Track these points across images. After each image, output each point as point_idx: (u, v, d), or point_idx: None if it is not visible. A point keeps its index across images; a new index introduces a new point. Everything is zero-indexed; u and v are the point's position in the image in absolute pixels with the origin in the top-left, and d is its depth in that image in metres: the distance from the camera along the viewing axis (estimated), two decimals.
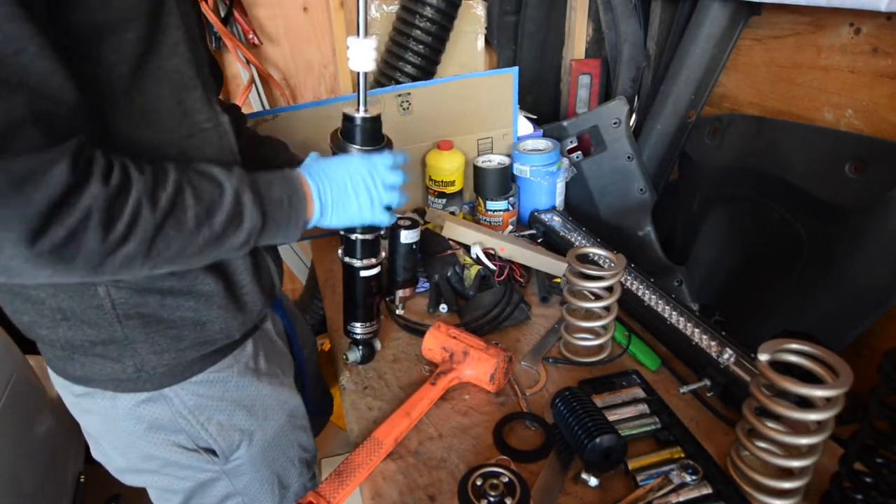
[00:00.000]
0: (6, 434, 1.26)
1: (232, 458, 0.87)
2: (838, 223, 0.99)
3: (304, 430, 1.00)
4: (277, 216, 0.71)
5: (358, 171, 0.80)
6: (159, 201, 0.60)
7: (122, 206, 0.57)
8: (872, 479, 0.66)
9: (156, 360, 0.75)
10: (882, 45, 0.98)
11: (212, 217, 0.64)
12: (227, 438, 0.85)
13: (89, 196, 0.54)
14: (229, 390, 0.84)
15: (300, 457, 1.00)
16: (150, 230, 0.59)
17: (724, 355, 0.94)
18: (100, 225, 0.55)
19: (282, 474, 0.96)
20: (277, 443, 0.93)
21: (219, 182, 0.66)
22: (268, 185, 0.71)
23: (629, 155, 1.48)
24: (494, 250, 1.28)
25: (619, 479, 0.80)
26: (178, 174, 0.63)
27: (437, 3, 1.48)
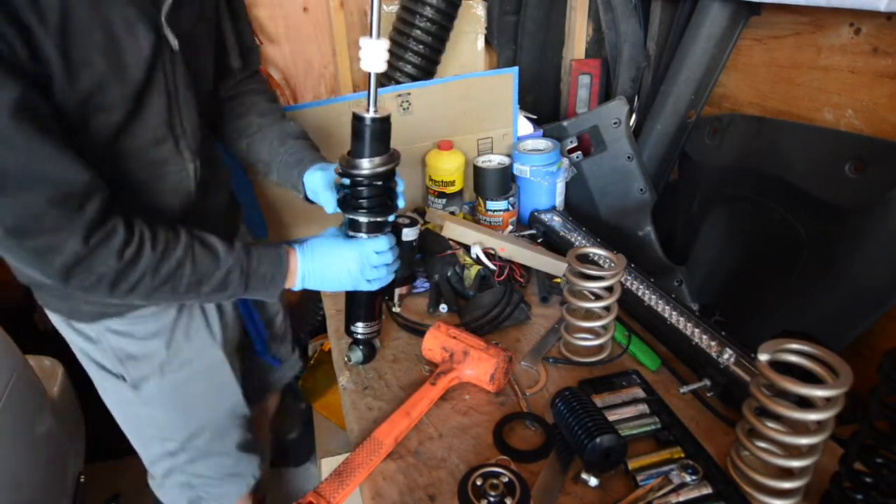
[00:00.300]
0: (6, 434, 1.26)
1: (142, 387, 0.99)
2: (838, 223, 0.99)
3: (223, 381, 1.07)
4: (258, 286, 0.88)
5: (345, 264, 0.91)
6: (160, 272, 0.77)
7: (129, 276, 0.75)
8: (872, 479, 0.66)
9: (86, 308, 0.92)
10: (882, 45, 0.98)
11: (201, 286, 0.82)
12: (138, 370, 0.98)
13: (103, 265, 0.73)
14: (148, 329, 0.97)
15: (218, 405, 1.08)
16: (149, 291, 0.78)
17: (724, 355, 0.94)
18: (109, 285, 0.75)
19: (194, 414, 1.05)
20: (189, 386, 1.02)
21: (217, 258, 0.82)
22: (259, 261, 0.87)
23: (629, 155, 1.48)
24: (494, 250, 1.28)
25: (619, 479, 0.80)
26: (183, 251, 0.79)
27: (437, 3, 1.47)
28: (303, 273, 0.90)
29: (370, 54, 0.79)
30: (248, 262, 0.85)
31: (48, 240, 0.68)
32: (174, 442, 1.06)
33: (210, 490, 1.13)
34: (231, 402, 1.10)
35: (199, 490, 1.12)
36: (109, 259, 0.72)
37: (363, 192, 0.88)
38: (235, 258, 0.84)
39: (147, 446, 1.08)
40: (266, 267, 0.87)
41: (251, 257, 0.86)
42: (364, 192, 0.88)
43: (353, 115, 0.85)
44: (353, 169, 0.87)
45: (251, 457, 1.17)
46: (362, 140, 0.85)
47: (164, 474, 1.09)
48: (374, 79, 0.82)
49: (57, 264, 0.70)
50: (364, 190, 0.88)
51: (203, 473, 1.10)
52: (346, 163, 0.88)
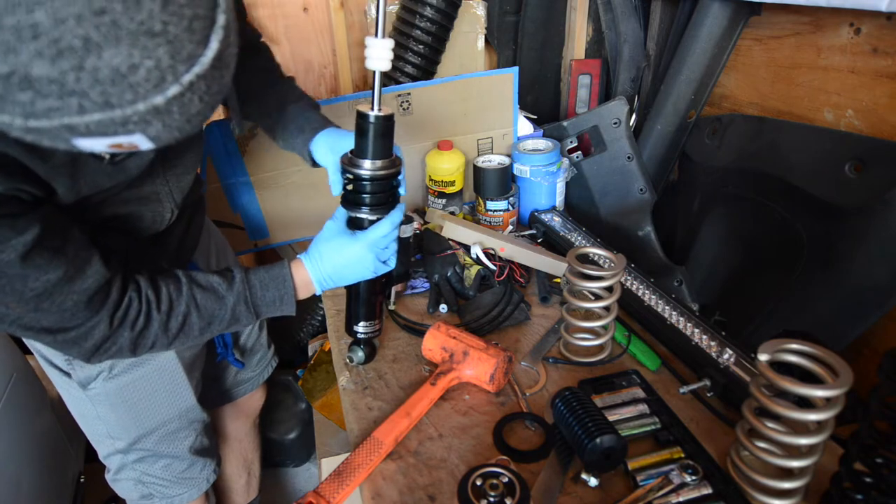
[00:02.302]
0: (6, 434, 1.26)
1: (89, 386, 0.98)
2: (838, 223, 0.99)
3: (177, 384, 1.06)
4: (268, 311, 0.89)
5: (360, 259, 0.90)
6: (170, 329, 0.81)
7: (144, 341, 0.80)
8: (872, 479, 0.66)
9: None
10: (882, 46, 0.98)
11: (212, 326, 0.85)
12: (86, 370, 0.97)
13: (123, 338, 0.78)
14: None
15: (169, 408, 1.07)
16: (166, 345, 0.82)
17: (724, 355, 0.94)
18: (129, 352, 0.80)
19: (142, 415, 1.04)
20: (138, 387, 1.02)
21: (220, 297, 0.84)
22: (262, 288, 0.87)
23: (629, 155, 1.48)
24: (494, 250, 1.28)
25: (619, 480, 0.80)
26: (186, 304, 0.82)
27: (437, 3, 1.48)
28: (318, 280, 0.90)
29: (376, 53, 0.80)
30: (251, 292, 0.86)
31: (81, 331, 0.74)
32: (122, 441, 1.06)
33: (161, 490, 1.12)
34: (184, 406, 1.08)
35: (150, 488, 1.11)
36: (126, 332, 0.78)
37: (366, 189, 0.89)
38: (237, 294, 0.85)
39: (98, 442, 1.08)
40: (272, 293, 0.87)
41: (253, 287, 0.86)
42: (367, 189, 0.89)
43: (358, 112, 0.85)
44: (357, 168, 0.87)
45: (206, 461, 1.16)
46: (366, 138, 0.85)
47: (116, 469, 1.10)
48: (379, 77, 0.83)
49: (86, 349, 0.76)
50: (367, 186, 0.89)
51: (153, 473, 1.10)
52: (350, 161, 0.88)
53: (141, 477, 1.10)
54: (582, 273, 0.96)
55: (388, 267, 0.95)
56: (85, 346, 0.75)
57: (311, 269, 0.90)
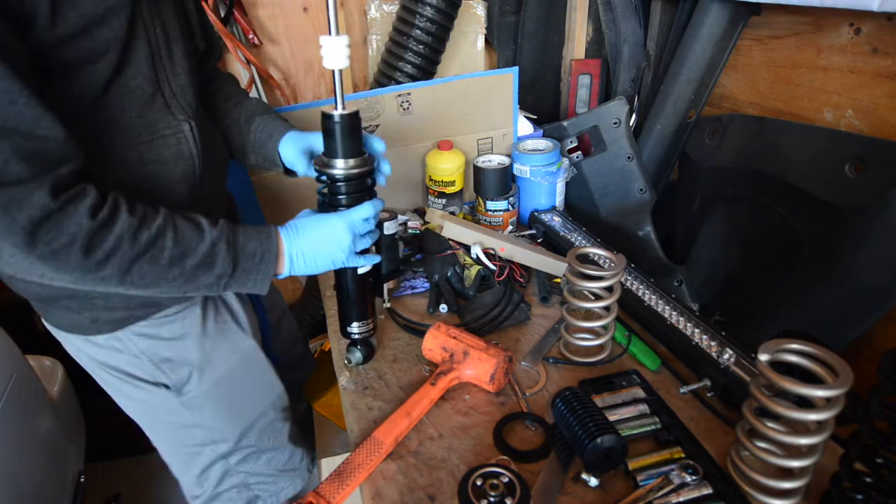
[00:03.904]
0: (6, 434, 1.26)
1: (184, 390, 0.96)
2: (838, 223, 0.99)
3: (264, 372, 1.06)
4: (248, 266, 0.81)
5: (335, 235, 0.87)
6: (139, 239, 0.71)
7: (105, 239, 0.68)
8: (872, 479, 0.66)
9: (108, 315, 0.87)
10: (882, 46, 0.98)
11: (185, 259, 0.75)
12: (177, 372, 0.95)
13: (75, 224, 0.65)
14: (176, 329, 0.93)
15: (262, 398, 1.06)
16: (127, 261, 0.70)
17: (724, 355, 0.94)
18: (82, 248, 0.67)
19: (242, 411, 1.03)
20: (231, 382, 1.00)
21: (201, 230, 0.77)
22: (246, 239, 0.81)
23: (629, 155, 1.48)
24: (494, 250, 1.28)
25: (619, 480, 0.80)
26: (164, 220, 0.74)
27: (437, 3, 1.48)
28: (290, 254, 0.84)
29: (332, 51, 0.80)
30: (234, 236, 0.79)
31: (11, 192, 0.62)
32: (227, 443, 1.03)
33: (267, 487, 1.11)
34: (275, 394, 1.08)
35: (256, 489, 1.10)
36: (81, 218, 0.66)
37: (341, 190, 0.89)
38: (220, 230, 0.78)
39: (196, 455, 1.03)
40: (254, 244, 0.81)
41: (237, 233, 0.80)
42: (342, 190, 0.89)
43: (322, 114, 0.86)
44: (329, 168, 0.88)
45: (303, 451, 1.16)
46: (333, 138, 0.86)
47: (216, 482, 1.06)
48: (339, 76, 0.83)
49: (22, 219, 0.62)
50: (342, 187, 0.89)
51: (259, 471, 1.08)
52: (322, 163, 0.88)
53: (245, 480, 1.08)
54: (582, 273, 0.96)
55: (363, 262, 0.92)
56: (19, 217, 0.62)
57: (285, 241, 0.84)
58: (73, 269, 0.67)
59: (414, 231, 1.44)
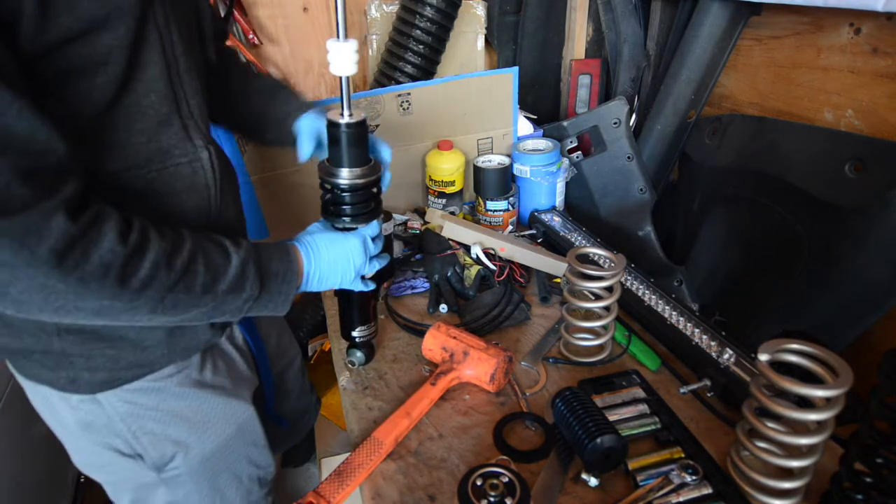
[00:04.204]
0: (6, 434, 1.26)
1: (166, 468, 0.86)
2: (838, 223, 0.99)
3: (255, 445, 0.97)
4: (272, 288, 0.76)
5: (351, 256, 0.84)
6: (174, 265, 0.64)
7: (140, 266, 0.61)
8: (872, 479, 0.66)
9: (88, 376, 0.76)
10: (882, 46, 0.98)
11: (217, 284, 0.69)
12: (159, 448, 0.84)
13: (107, 251, 0.58)
14: (165, 399, 0.83)
15: (249, 473, 0.97)
16: (163, 290, 0.63)
17: (724, 355, 0.94)
18: (118, 277, 0.59)
19: (225, 490, 0.93)
20: (221, 457, 0.91)
21: (227, 253, 0.71)
22: (268, 258, 0.76)
23: (629, 155, 1.48)
24: (494, 250, 1.28)
25: (619, 479, 0.80)
26: (192, 242, 0.68)
27: (437, 3, 1.48)
28: (307, 273, 0.81)
29: (340, 58, 0.76)
30: (259, 256, 0.75)
31: (24, 220, 0.53)
32: None
33: None
34: (264, 466, 0.99)
35: None
36: (112, 243, 0.58)
37: (346, 200, 0.85)
38: (246, 251, 0.73)
39: None
40: (276, 263, 0.76)
41: (260, 253, 0.75)
42: (347, 200, 0.85)
43: (328, 121, 0.81)
44: (333, 178, 0.84)
45: None
46: (339, 147, 0.81)
47: None
48: (347, 83, 0.79)
49: (43, 251, 0.54)
50: (347, 197, 0.85)
51: None
52: (326, 171, 0.85)
53: None
54: (582, 273, 0.96)
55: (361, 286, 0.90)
56: (39, 249, 0.54)
57: (304, 258, 0.81)
58: (103, 298, 0.60)
59: (414, 231, 1.44)
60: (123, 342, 0.76)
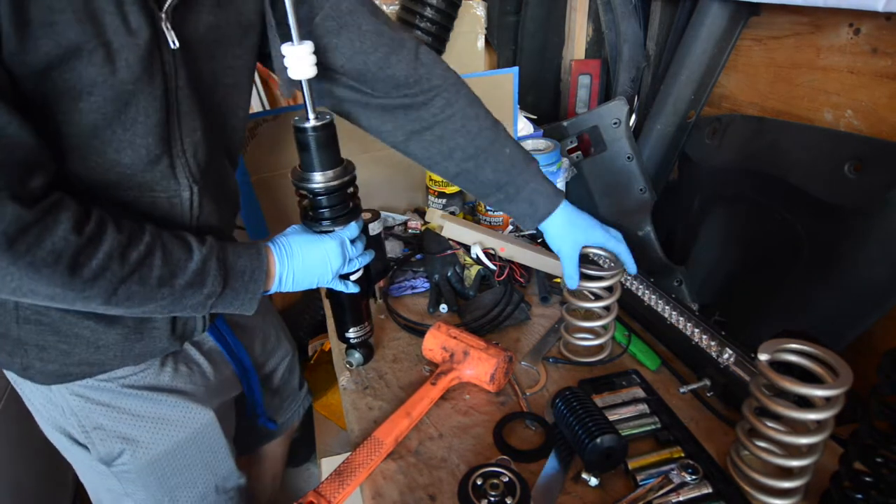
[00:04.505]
0: (6, 434, 1.26)
1: (115, 463, 0.86)
2: (838, 223, 0.99)
3: (213, 451, 0.95)
4: (237, 285, 0.75)
5: (327, 258, 0.84)
6: (128, 258, 0.64)
7: (93, 256, 0.61)
8: (872, 479, 0.66)
9: (40, 366, 0.78)
10: (881, 46, 0.98)
11: (174, 278, 0.69)
12: (107, 445, 0.85)
13: (60, 239, 0.59)
14: (117, 398, 0.83)
15: (206, 479, 0.96)
16: (115, 281, 0.64)
17: (724, 355, 0.94)
18: (69, 266, 0.60)
19: (176, 492, 0.92)
20: (173, 459, 0.90)
21: (189, 248, 0.71)
22: (236, 256, 0.76)
23: (629, 155, 1.48)
24: (494, 250, 1.28)
25: (619, 479, 0.80)
26: (152, 237, 0.67)
27: (437, 3, 1.48)
28: (280, 273, 0.81)
29: (295, 61, 0.74)
30: (224, 253, 0.74)
31: None
32: None
33: None
34: (221, 475, 0.98)
35: None
36: (66, 232, 0.59)
37: (322, 203, 0.85)
38: (209, 248, 0.73)
39: None
40: (244, 261, 0.76)
41: (226, 250, 0.75)
42: (323, 203, 0.85)
43: (294, 127, 0.80)
44: (307, 183, 0.83)
45: None
46: (309, 151, 0.81)
47: None
48: (307, 85, 0.77)
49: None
50: (323, 200, 0.84)
51: None
52: (299, 177, 0.84)
53: None
54: (582, 273, 0.96)
55: (342, 286, 0.90)
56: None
57: (277, 260, 0.80)
58: (55, 284, 0.60)
59: (414, 231, 1.44)
60: (78, 339, 0.77)
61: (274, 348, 1.19)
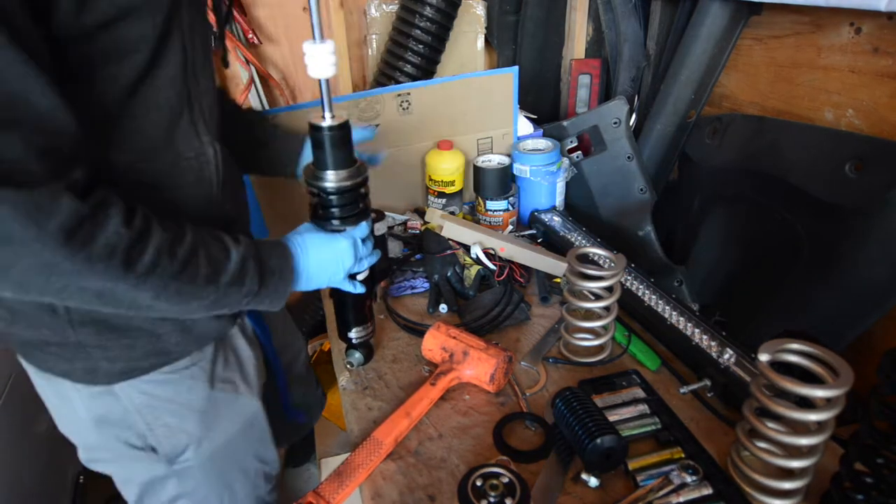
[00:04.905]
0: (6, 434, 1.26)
1: (178, 459, 0.87)
2: (838, 223, 0.99)
3: (262, 440, 0.97)
4: (270, 284, 0.77)
5: (340, 256, 0.85)
6: (176, 255, 0.65)
7: (144, 251, 0.62)
8: (873, 479, 0.66)
9: (107, 366, 0.77)
10: (882, 45, 0.98)
11: (219, 276, 0.70)
12: (173, 440, 0.85)
13: (113, 233, 0.58)
14: (181, 392, 0.84)
15: (256, 468, 0.97)
16: (167, 277, 0.64)
17: (724, 355, 0.93)
18: (123, 260, 0.59)
19: (233, 484, 0.94)
20: (230, 451, 0.91)
21: (227, 248, 0.72)
22: (268, 255, 0.77)
23: (629, 155, 1.48)
24: (494, 250, 1.28)
25: (619, 480, 0.80)
26: (193, 235, 0.68)
27: (437, 3, 1.47)
28: (297, 271, 0.82)
29: (317, 60, 0.75)
30: (259, 253, 0.76)
31: (36, 196, 0.53)
32: None
33: None
34: (270, 460, 1.00)
35: None
36: (117, 226, 0.59)
37: (333, 203, 0.85)
38: (245, 248, 0.74)
39: None
40: (275, 261, 0.78)
41: (260, 249, 0.77)
42: (334, 203, 0.85)
43: (310, 125, 0.81)
44: (319, 181, 0.83)
45: None
46: (323, 150, 0.81)
47: None
48: (326, 85, 0.78)
49: (52, 228, 0.54)
50: (334, 200, 0.84)
51: None
52: (312, 175, 0.84)
53: None
54: (582, 273, 0.96)
55: (350, 287, 0.90)
56: (49, 225, 0.54)
57: (295, 259, 0.82)
58: (108, 279, 0.60)
59: (414, 231, 1.44)
60: (139, 332, 0.77)
61: (291, 340, 1.20)
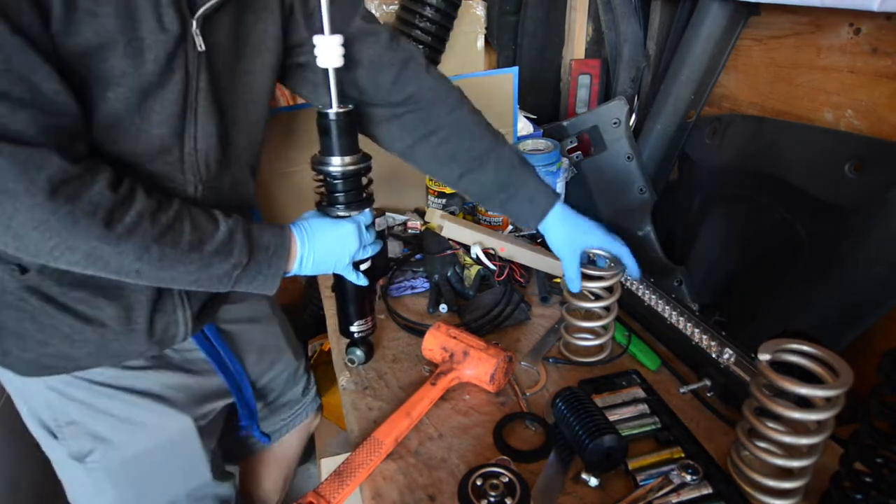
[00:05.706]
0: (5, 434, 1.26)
1: (86, 460, 0.87)
2: (838, 223, 0.99)
3: (189, 458, 0.95)
4: (261, 258, 0.77)
5: (346, 241, 0.86)
6: (159, 220, 0.68)
7: (126, 213, 0.65)
8: (872, 479, 0.66)
9: (17, 353, 0.79)
10: (882, 46, 0.98)
11: (203, 244, 0.71)
12: (79, 441, 0.85)
13: (97, 194, 0.63)
14: (93, 396, 0.84)
15: (178, 486, 0.95)
16: (148, 239, 0.67)
17: (724, 355, 0.94)
18: (104, 219, 0.63)
19: (146, 498, 0.92)
20: (145, 463, 0.90)
21: (215, 219, 0.74)
22: (260, 231, 0.78)
23: (629, 155, 1.48)
24: (494, 250, 1.28)
25: (619, 479, 0.80)
26: (179, 205, 0.71)
27: (437, 3, 1.47)
28: (301, 255, 0.82)
29: (326, 51, 0.80)
30: (249, 227, 0.77)
31: (31, 152, 0.59)
32: None
33: None
34: (197, 483, 0.97)
35: None
36: (102, 188, 0.63)
37: (338, 188, 0.89)
38: (235, 220, 0.75)
39: None
40: (268, 237, 0.78)
41: (251, 225, 0.77)
42: (339, 188, 0.89)
43: (318, 112, 0.85)
44: (325, 166, 0.88)
45: None
46: (330, 136, 0.86)
47: None
48: (334, 74, 0.82)
49: (41, 179, 0.59)
50: (339, 185, 0.89)
51: None
52: (318, 161, 0.89)
53: None
54: (582, 273, 0.96)
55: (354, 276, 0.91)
56: (38, 177, 0.59)
57: (299, 241, 0.82)
58: (92, 237, 0.63)
59: (414, 231, 1.44)
60: (54, 331, 0.77)
61: (273, 361, 1.17)
